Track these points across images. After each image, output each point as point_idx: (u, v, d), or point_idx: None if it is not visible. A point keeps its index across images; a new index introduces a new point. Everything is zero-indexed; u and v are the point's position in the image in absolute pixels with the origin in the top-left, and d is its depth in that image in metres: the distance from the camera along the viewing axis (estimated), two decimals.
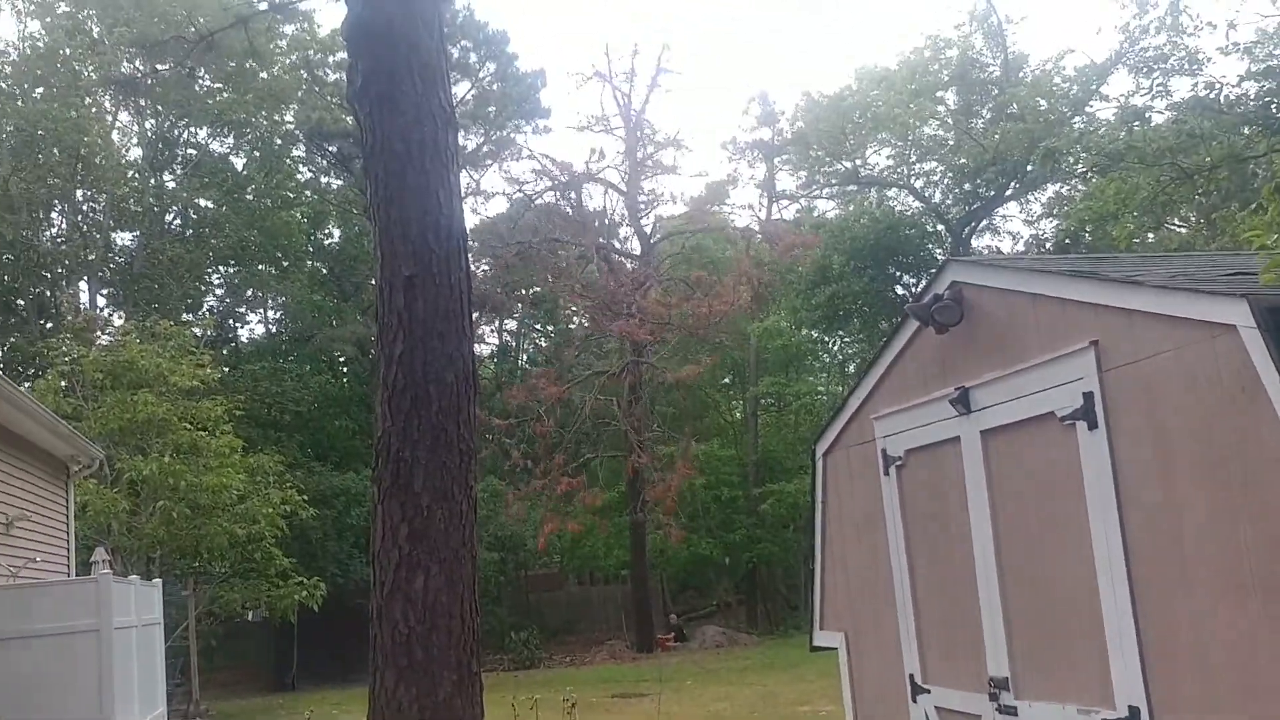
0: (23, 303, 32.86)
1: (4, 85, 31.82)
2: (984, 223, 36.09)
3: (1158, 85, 17.69)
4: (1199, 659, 4.62)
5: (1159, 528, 4.82)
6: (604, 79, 34.06)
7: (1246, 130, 13.78)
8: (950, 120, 34.50)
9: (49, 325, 31.12)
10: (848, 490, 7.73)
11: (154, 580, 15.68)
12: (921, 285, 6.82)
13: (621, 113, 34.04)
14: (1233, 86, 14.33)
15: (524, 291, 33.45)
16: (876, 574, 7.26)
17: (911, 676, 6.85)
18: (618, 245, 34.15)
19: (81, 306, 31.04)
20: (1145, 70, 18.68)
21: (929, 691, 6.67)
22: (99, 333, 25.44)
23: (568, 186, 32.24)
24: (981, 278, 6.13)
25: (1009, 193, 34.09)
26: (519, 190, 34.59)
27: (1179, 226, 27.34)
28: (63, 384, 20.81)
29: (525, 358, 43.06)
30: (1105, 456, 5.08)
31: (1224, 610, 4.47)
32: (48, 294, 32.98)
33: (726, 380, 40.72)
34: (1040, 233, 36.05)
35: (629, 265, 32.55)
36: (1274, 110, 13.25)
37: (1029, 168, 29.17)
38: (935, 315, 6.26)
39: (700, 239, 33.70)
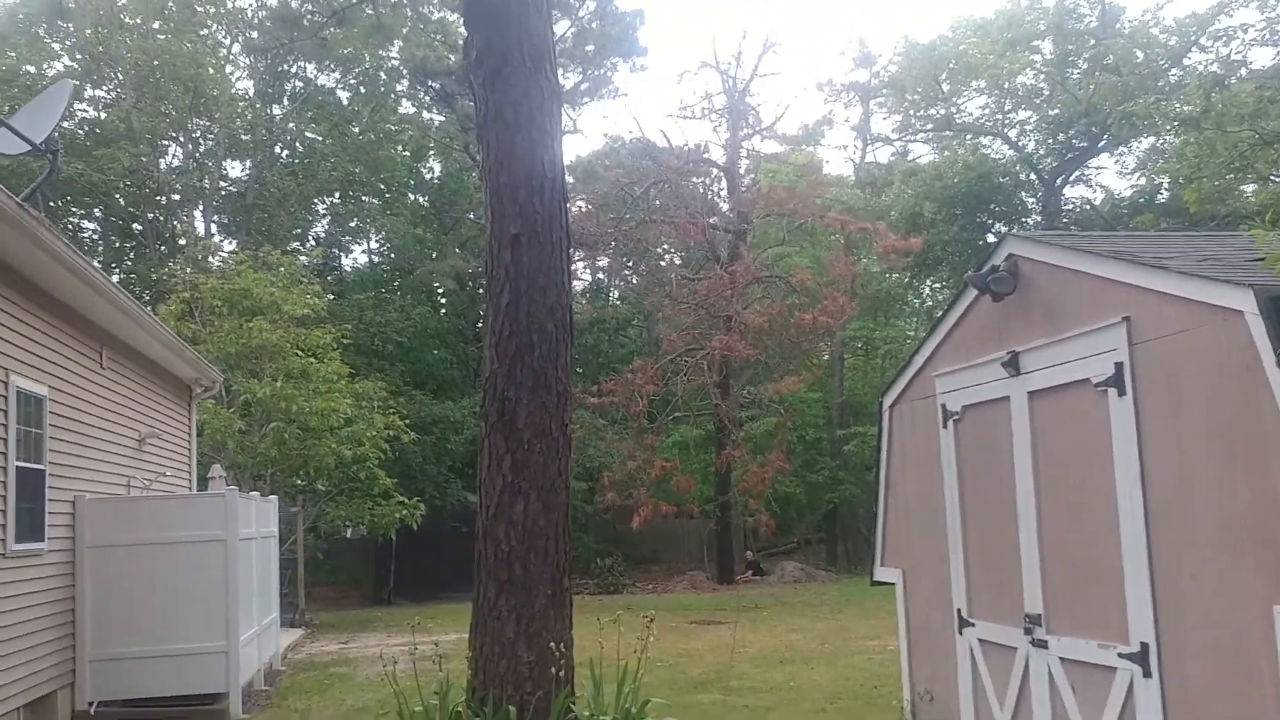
0: (139, 227, 34.17)
1: (125, 19, 32.87)
2: (1076, 174, 35.70)
3: (1236, 56, 17.79)
4: (1200, 604, 5.27)
5: (1173, 487, 5.44)
6: (711, 66, 34.15)
7: None
8: (1045, 71, 34.17)
9: (164, 250, 32.44)
10: (910, 440, 8.41)
11: (269, 496, 16.78)
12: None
13: (726, 92, 33.85)
14: None
15: (617, 227, 33.74)
16: (932, 518, 7.95)
17: (959, 611, 7.55)
18: (715, 221, 33.92)
19: (198, 235, 32.34)
20: (1225, 39, 18.76)
21: (974, 625, 7.37)
22: (212, 259, 26.61)
23: (670, 177, 32.05)
24: (1034, 253, 6.72)
25: (1101, 145, 33.70)
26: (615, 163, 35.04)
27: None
28: (181, 309, 21.89)
29: (615, 294, 43.60)
30: (1131, 421, 5.71)
31: (1222, 563, 5.10)
32: (163, 221, 34.23)
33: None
34: (1119, 191, 35.59)
35: (724, 257, 32.21)
36: None
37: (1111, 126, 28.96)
38: (992, 285, 6.90)
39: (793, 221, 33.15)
